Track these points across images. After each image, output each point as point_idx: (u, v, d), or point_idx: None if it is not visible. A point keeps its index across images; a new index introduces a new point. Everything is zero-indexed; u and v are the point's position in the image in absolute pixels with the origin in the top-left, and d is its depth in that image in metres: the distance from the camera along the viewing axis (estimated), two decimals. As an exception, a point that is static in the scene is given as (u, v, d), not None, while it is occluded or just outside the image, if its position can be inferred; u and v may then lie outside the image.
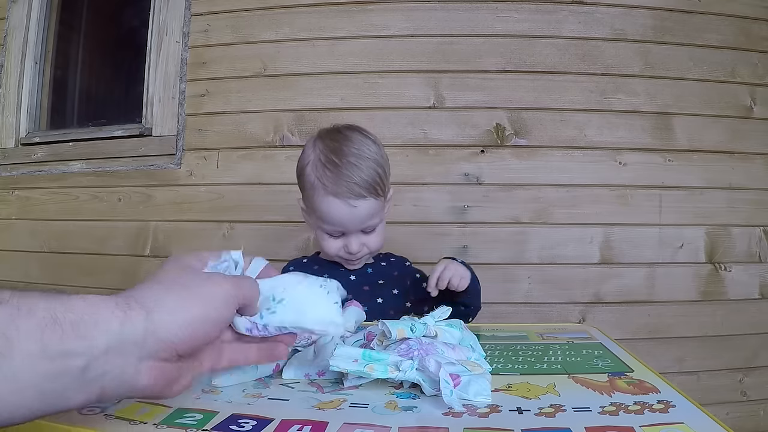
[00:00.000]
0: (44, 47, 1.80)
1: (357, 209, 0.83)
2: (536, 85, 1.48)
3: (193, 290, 0.33)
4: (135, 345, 0.30)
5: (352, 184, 0.81)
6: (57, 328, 0.27)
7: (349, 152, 0.84)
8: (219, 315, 0.34)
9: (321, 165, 0.84)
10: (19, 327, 0.26)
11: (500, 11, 1.50)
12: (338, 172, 0.82)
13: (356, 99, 1.51)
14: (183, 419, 0.37)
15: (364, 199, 0.83)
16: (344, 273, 0.94)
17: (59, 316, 0.27)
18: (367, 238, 0.88)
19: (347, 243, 0.87)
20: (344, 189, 0.81)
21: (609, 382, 0.45)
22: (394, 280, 0.96)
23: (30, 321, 0.27)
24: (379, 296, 0.92)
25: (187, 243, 1.56)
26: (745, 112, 1.50)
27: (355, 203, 0.82)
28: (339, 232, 0.87)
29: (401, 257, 1.04)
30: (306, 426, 0.36)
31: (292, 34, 1.55)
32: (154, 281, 0.35)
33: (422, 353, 0.45)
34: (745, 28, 1.51)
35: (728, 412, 1.45)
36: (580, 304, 1.45)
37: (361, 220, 0.85)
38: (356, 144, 0.86)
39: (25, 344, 0.26)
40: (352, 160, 0.83)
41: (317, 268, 0.96)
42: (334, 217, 0.84)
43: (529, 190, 1.47)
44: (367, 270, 0.96)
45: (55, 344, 0.27)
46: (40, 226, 1.68)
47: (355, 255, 0.89)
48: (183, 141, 1.59)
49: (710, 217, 1.47)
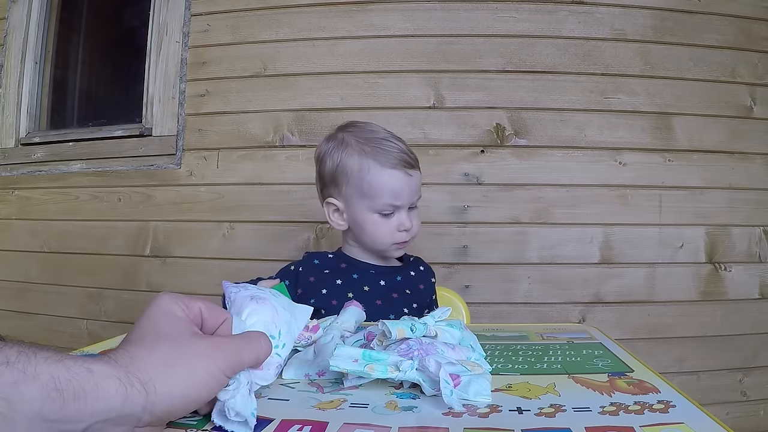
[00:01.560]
0: (44, 47, 1.80)
1: (413, 178, 0.88)
2: (536, 85, 1.48)
3: (186, 369, 0.34)
4: (132, 418, 0.31)
5: (403, 154, 0.87)
6: (59, 397, 0.28)
7: (380, 132, 0.90)
8: (210, 391, 0.35)
9: (363, 147, 0.88)
10: (22, 393, 0.27)
11: (500, 11, 1.50)
12: (386, 148, 0.87)
13: (356, 99, 1.51)
14: (183, 419, 0.37)
15: (417, 170, 0.89)
16: (374, 276, 0.93)
17: (62, 385, 0.28)
18: (413, 217, 0.91)
19: (401, 220, 0.89)
20: (399, 161, 0.86)
21: (609, 382, 0.45)
22: (418, 293, 0.95)
23: (33, 386, 0.28)
24: (405, 306, 0.91)
25: (187, 243, 1.57)
26: (745, 112, 1.50)
27: (411, 172, 0.88)
28: (392, 207, 0.88)
29: (429, 268, 1.01)
30: (306, 426, 0.36)
31: (292, 34, 1.55)
32: (150, 345, 0.35)
33: (422, 353, 0.45)
34: (745, 28, 1.51)
35: (728, 412, 1.45)
36: (580, 304, 1.45)
37: (415, 191, 0.89)
38: (376, 127, 0.92)
39: (27, 409, 0.27)
40: (388, 137, 0.89)
41: (345, 266, 0.94)
42: (395, 188, 0.87)
43: (529, 190, 1.47)
44: (396, 277, 0.94)
45: (56, 412, 0.28)
46: (40, 226, 1.68)
47: (411, 231, 0.90)
48: (183, 141, 1.59)
49: (710, 217, 1.47)
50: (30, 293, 1.69)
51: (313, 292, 0.91)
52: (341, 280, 0.92)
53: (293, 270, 0.94)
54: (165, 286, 1.56)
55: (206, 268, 1.55)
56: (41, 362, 0.29)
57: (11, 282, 1.70)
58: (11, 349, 0.28)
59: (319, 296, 0.91)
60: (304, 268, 0.94)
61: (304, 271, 0.93)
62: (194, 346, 0.36)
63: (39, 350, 0.29)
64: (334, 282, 0.92)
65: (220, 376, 0.35)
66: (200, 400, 0.35)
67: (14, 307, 1.70)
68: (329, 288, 0.91)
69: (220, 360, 0.36)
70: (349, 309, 0.61)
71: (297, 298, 0.91)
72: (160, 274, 1.58)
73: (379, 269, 0.95)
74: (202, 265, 1.55)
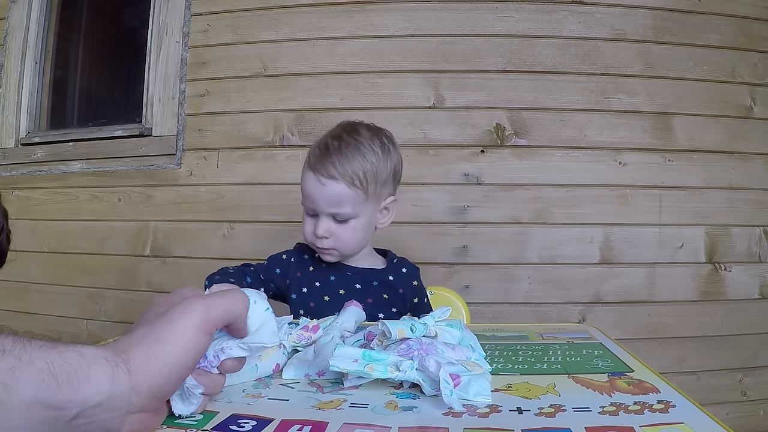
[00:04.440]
0: (44, 47, 1.80)
1: (326, 187, 0.86)
2: (536, 85, 1.48)
3: (162, 334, 0.34)
4: (122, 401, 0.31)
5: (329, 164, 0.86)
6: (53, 381, 0.29)
7: (346, 140, 0.88)
8: (190, 353, 0.34)
9: (317, 145, 0.90)
10: (19, 378, 0.28)
11: (500, 11, 1.50)
12: (325, 151, 0.87)
13: (356, 99, 1.51)
14: (183, 419, 0.37)
15: (335, 181, 0.85)
16: (351, 278, 0.92)
17: (56, 370, 0.29)
18: (338, 229, 0.88)
19: (316, 225, 0.88)
20: (320, 166, 0.86)
21: (609, 382, 0.45)
22: (396, 297, 0.94)
23: (29, 372, 0.28)
24: (381, 311, 0.90)
25: (187, 243, 1.57)
26: (745, 112, 1.50)
27: (325, 181, 0.86)
28: (312, 210, 0.89)
29: (413, 269, 0.98)
30: (306, 426, 0.36)
31: (292, 34, 1.55)
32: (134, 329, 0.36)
33: (422, 353, 0.45)
34: (745, 28, 1.51)
35: (728, 412, 1.45)
36: (580, 304, 1.45)
37: (328, 201, 0.86)
38: (361, 140, 0.89)
39: (24, 394, 0.28)
40: (343, 145, 0.87)
41: (325, 265, 0.94)
42: (304, 190, 0.88)
43: (529, 190, 1.47)
44: (373, 282, 0.93)
45: (51, 396, 0.29)
46: (40, 226, 1.68)
47: (319, 238, 0.88)
48: (183, 141, 1.59)
49: (710, 217, 1.47)
50: (30, 293, 1.69)
51: (296, 288, 0.93)
52: (320, 282, 0.93)
53: (285, 260, 0.95)
54: (165, 286, 1.56)
55: (206, 268, 1.52)
56: (36, 349, 0.29)
57: (11, 282, 1.70)
58: (6, 338, 0.29)
59: (300, 294, 0.93)
60: (296, 260, 0.95)
61: (295, 263, 0.95)
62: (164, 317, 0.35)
63: (33, 338, 0.30)
64: (313, 283, 0.93)
65: (197, 335, 0.34)
66: (182, 365, 0.34)
67: (14, 307, 1.70)
68: (309, 288, 0.93)
69: (193, 318, 0.35)
70: (349, 309, 0.61)
71: (285, 288, 0.94)
72: (160, 274, 1.58)
73: (356, 271, 0.94)
74: (202, 265, 1.55)
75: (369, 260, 0.97)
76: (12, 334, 0.30)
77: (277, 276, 0.93)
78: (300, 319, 0.59)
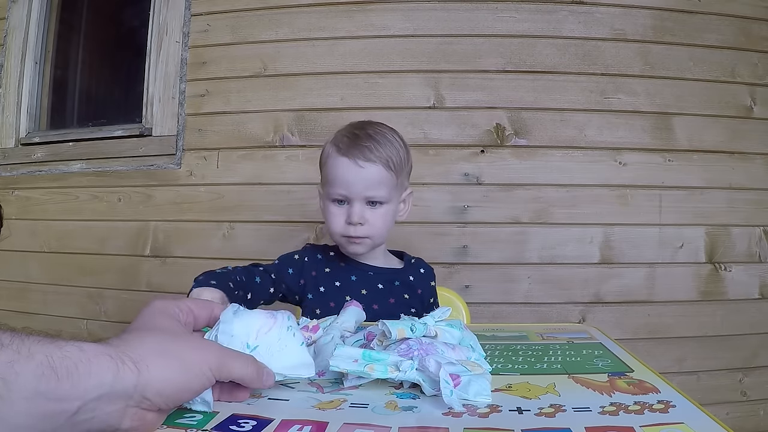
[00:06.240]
0: (44, 47, 1.80)
1: (364, 170, 0.85)
2: (536, 85, 1.48)
3: (180, 358, 0.35)
4: (124, 396, 0.32)
5: (364, 148, 0.85)
6: (53, 375, 0.29)
7: (371, 129, 0.89)
8: (200, 384, 0.36)
9: (341, 135, 0.89)
10: (18, 372, 0.28)
11: (500, 11, 1.50)
12: (355, 138, 0.87)
13: (356, 99, 1.51)
14: (183, 419, 0.37)
15: (373, 164, 0.85)
16: (372, 278, 0.92)
17: (56, 363, 0.29)
18: (371, 214, 0.87)
19: (350, 212, 0.86)
20: (356, 151, 0.85)
21: (609, 382, 0.45)
22: (416, 297, 0.94)
23: (28, 366, 0.28)
24: (403, 311, 0.89)
25: (187, 243, 1.57)
26: (745, 112, 1.50)
27: (363, 164, 0.85)
28: (343, 196, 0.87)
29: (430, 270, 0.99)
30: (306, 426, 0.36)
31: (292, 34, 1.55)
32: (144, 333, 0.36)
33: (422, 353, 0.45)
34: (745, 28, 1.51)
35: (728, 412, 1.45)
36: (580, 304, 1.45)
37: (366, 184, 0.85)
38: (380, 128, 0.90)
39: (24, 388, 0.28)
40: (370, 133, 0.88)
41: (344, 265, 0.93)
42: (337, 176, 0.86)
43: (529, 190, 1.47)
44: (395, 282, 0.93)
45: (51, 390, 0.28)
46: (40, 226, 1.68)
47: (353, 226, 0.86)
48: (183, 141, 1.59)
49: (710, 217, 1.47)
50: (30, 293, 1.69)
51: (313, 288, 0.91)
52: (340, 282, 0.92)
53: (297, 260, 0.93)
54: (165, 286, 1.56)
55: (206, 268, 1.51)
56: (34, 343, 0.29)
57: (11, 282, 1.70)
58: (4, 333, 0.29)
59: (317, 293, 0.91)
60: (309, 260, 0.93)
61: (309, 263, 0.93)
62: (190, 340, 0.38)
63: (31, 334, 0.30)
64: (333, 283, 0.92)
65: (209, 374, 0.36)
66: (190, 390, 0.36)
67: (14, 307, 1.70)
68: (327, 288, 0.91)
69: (212, 359, 0.37)
70: (349, 309, 0.61)
71: (299, 288, 0.92)
72: (160, 274, 1.58)
73: (378, 270, 0.94)
74: (202, 266, 1.53)
75: (386, 260, 0.97)
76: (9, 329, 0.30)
77: (290, 276, 0.91)
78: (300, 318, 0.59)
